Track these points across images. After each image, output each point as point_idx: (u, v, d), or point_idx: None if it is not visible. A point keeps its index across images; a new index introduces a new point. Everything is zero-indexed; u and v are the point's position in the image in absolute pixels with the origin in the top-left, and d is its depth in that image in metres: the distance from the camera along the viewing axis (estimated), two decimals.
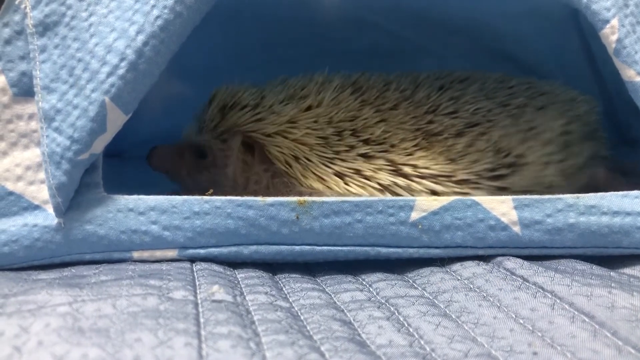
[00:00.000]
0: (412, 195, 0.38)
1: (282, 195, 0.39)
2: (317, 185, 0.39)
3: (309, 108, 0.40)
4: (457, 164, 0.40)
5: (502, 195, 0.38)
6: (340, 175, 0.39)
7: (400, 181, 0.39)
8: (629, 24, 0.34)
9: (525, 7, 0.49)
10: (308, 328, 0.26)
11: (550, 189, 0.41)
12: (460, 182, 0.39)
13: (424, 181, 0.39)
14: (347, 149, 0.39)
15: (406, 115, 0.41)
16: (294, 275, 0.33)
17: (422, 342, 0.25)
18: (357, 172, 0.39)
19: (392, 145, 0.39)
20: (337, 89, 0.41)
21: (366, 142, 0.39)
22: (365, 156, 0.39)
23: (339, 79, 0.42)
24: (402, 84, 0.43)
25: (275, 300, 0.28)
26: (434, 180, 0.39)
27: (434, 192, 0.39)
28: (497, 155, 0.40)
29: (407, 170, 0.39)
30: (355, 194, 0.39)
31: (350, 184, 0.39)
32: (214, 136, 0.41)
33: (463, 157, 0.40)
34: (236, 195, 0.35)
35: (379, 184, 0.39)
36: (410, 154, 0.39)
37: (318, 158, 0.39)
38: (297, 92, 0.41)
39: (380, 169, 0.39)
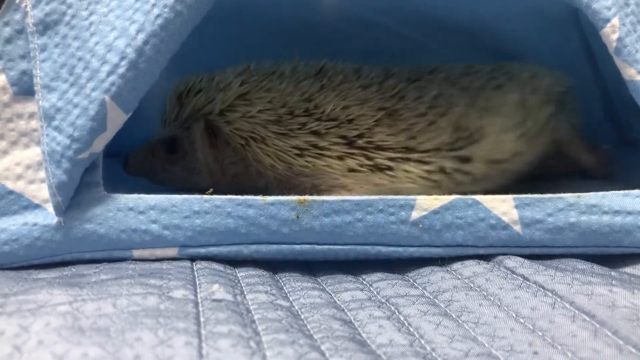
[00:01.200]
0: (370, 163, 0.39)
1: (256, 175, 0.41)
2: (277, 163, 0.40)
3: (266, 90, 0.41)
4: (416, 140, 0.41)
5: (467, 165, 0.41)
6: (297, 147, 0.40)
7: (356, 151, 0.40)
8: (629, 23, 0.34)
9: (526, 7, 0.49)
10: (308, 327, 0.26)
11: (516, 156, 0.44)
12: (420, 151, 0.40)
13: (380, 151, 0.40)
14: (299, 126, 0.40)
15: (370, 95, 0.41)
16: (294, 274, 0.33)
17: (423, 342, 0.25)
18: (313, 145, 0.40)
19: (349, 121, 0.40)
20: (300, 79, 0.42)
21: (318, 119, 0.40)
22: (317, 133, 0.40)
23: (304, 68, 0.43)
24: (373, 73, 0.43)
25: (276, 299, 0.28)
26: (392, 150, 0.40)
27: (390, 159, 0.40)
28: (457, 132, 0.42)
29: (361, 143, 0.40)
30: (312, 167, 0.40)
31: (307, 156, 0.39)
32: (178, 126, 0.41)
33: (423, 134, 0.41)
34: (211, 180, 0.37)
35: (337, 156, 0.39)
36: (369, 129, 0.40)
37: (273, 134, 0.39)
38: (252, 73, 0.41)
39: (334, 144, 0.40)
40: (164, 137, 0.42)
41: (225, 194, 0.33)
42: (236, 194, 0.33)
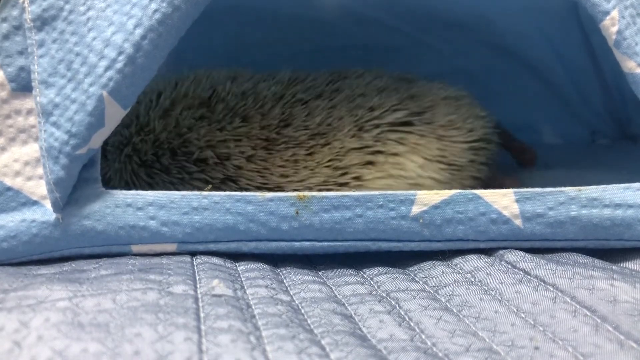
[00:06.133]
0: None
1: None
2: None
3: (138, 132, 0.40)
4: (286, 178, 0.39)
5: None
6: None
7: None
8: (629, 16, 0.33)
9: (525, 2, 0.49)
10: (309, 322, 0.26)
11: None
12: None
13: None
14: (159, 172, 0.39)
15: (250, 127, 0.40)
16: (295, 267, 0.33)
17: (423, 337, 0.25)
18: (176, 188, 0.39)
19: (217, 163, 0.38)
20: (183, 109, 0.40)
21: (185, 162, 0.39)
22: (183, 180, 0.39)
23: (194, 93, 0.41)
24: (262, 98, 0.41)
25: (276, 294, 0.28)
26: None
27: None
28: (334, 172, 0.40)
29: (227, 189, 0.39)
30: None
31: None
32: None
33: (296, 172, 0.39)
34: None
35: None
36: (238, 167, 0.39)
37: (138, 180, 0.39)
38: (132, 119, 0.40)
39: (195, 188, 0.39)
40: None
41: None
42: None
